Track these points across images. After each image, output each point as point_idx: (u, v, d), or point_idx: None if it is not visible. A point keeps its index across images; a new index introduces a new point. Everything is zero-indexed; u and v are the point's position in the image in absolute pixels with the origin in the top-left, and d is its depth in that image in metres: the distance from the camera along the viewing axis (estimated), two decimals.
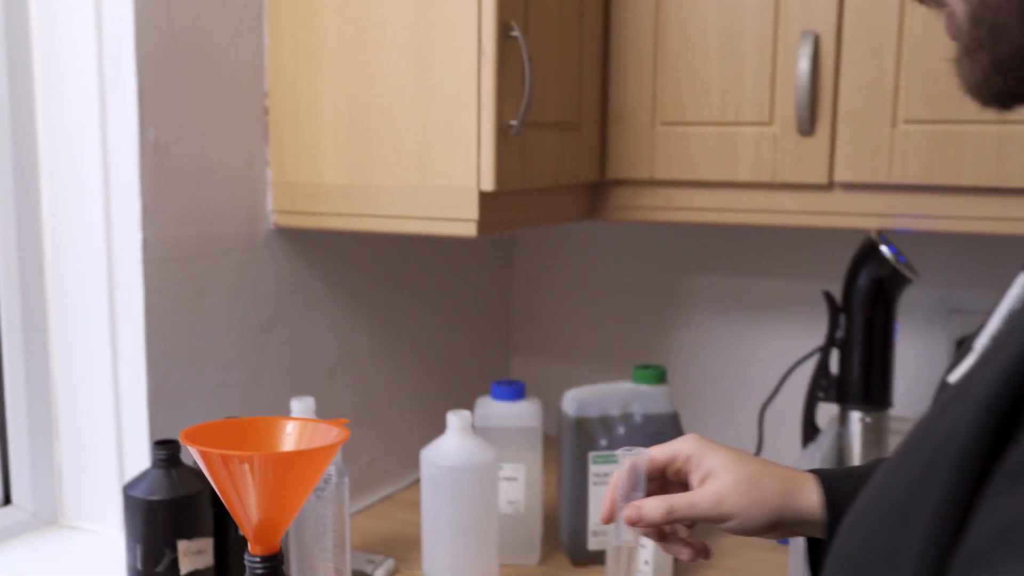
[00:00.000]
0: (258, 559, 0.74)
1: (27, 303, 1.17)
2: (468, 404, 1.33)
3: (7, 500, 1.20)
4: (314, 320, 1.38)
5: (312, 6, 1.22)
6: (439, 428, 1.18)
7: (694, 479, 0.80)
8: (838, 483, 0.78)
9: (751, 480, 0.77)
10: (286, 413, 1.15)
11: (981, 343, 0.54)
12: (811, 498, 0.77)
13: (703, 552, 0.83)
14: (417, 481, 1.62)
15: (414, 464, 1.60)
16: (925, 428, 0.50)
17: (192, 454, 0.73)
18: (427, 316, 1.63)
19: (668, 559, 1.23)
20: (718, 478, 0.78)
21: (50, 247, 1.17)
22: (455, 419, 1.12)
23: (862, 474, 0.78)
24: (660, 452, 0.81)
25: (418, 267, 1.59)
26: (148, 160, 1.11)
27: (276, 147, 1.27)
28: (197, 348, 1.19)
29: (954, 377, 0.54)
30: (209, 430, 0.76)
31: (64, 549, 1.16)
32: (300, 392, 1.29)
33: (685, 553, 0.82)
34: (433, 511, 1.13)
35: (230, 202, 1.23)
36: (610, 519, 0.81)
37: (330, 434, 0.76)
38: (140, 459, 1.15)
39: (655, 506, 0.77)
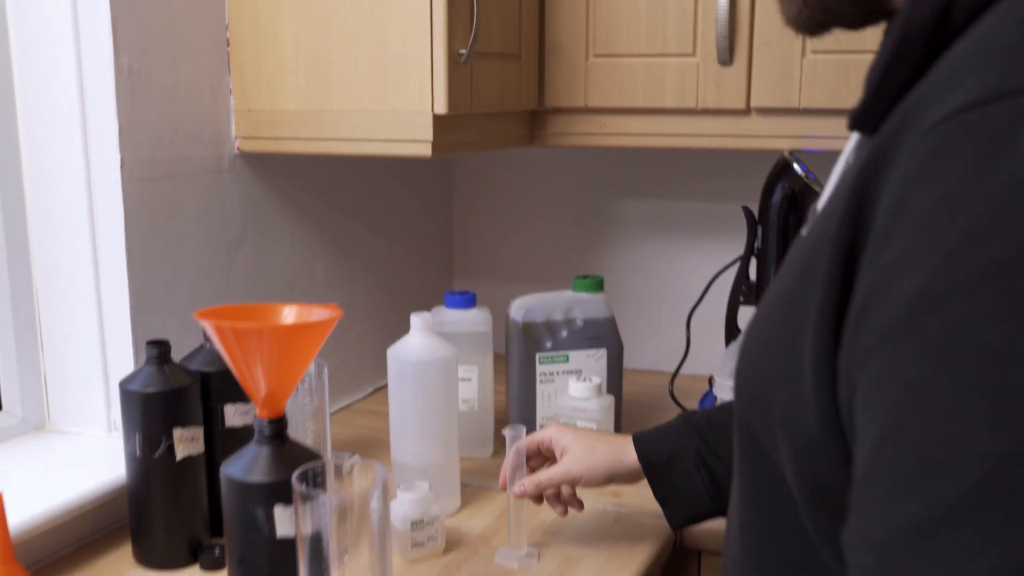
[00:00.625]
0: (266, 421, 0.85)
1: (9, 225, 1.24)
2: None
3: None
4: (276, 240, 1.48)
5: None
6: (389, 342, 1.29)
7: (557, 455, 1.15)
8: (647, 442, 1.12)
9: (590, 450, 1.12)
10: None
11: (821, 203, 0.64)
12: (631, 456, 1.11)
13: (575, 507, 1.19)
14: (372, 391, 1.74)
15: (368, 376, 1.72)
16: (787, 269, 0.59)
17: (207, 329, 0.84)
18: (376, 238, 1.73)
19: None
20: (569, 453, 1.13)
21: (29, 171, 1.24)
22: (418, 320, 1.24)
23: (667, 429, 1.12)
24: (531, 439, 1.16)
25: (367, 191, 1.70)
26: (123, 85, 1.19)
27: (238, 76, 1.36)
28: (171, 264, 1.28)
29: (804, 229, 0.64)
30: (218, 313, 0.86)
31: (53, 451, 1.25)
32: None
33: (558, 509, 1.18)
34: (400, 404, 1.24)
35: (197, 127, 1.31)
36: (505, 488, 1.15)
37: (324, 314, 0.88)
38: (122, 366, 1.24)
39: (529, 482, 1.13)
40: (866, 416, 0.45)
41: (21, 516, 1.04)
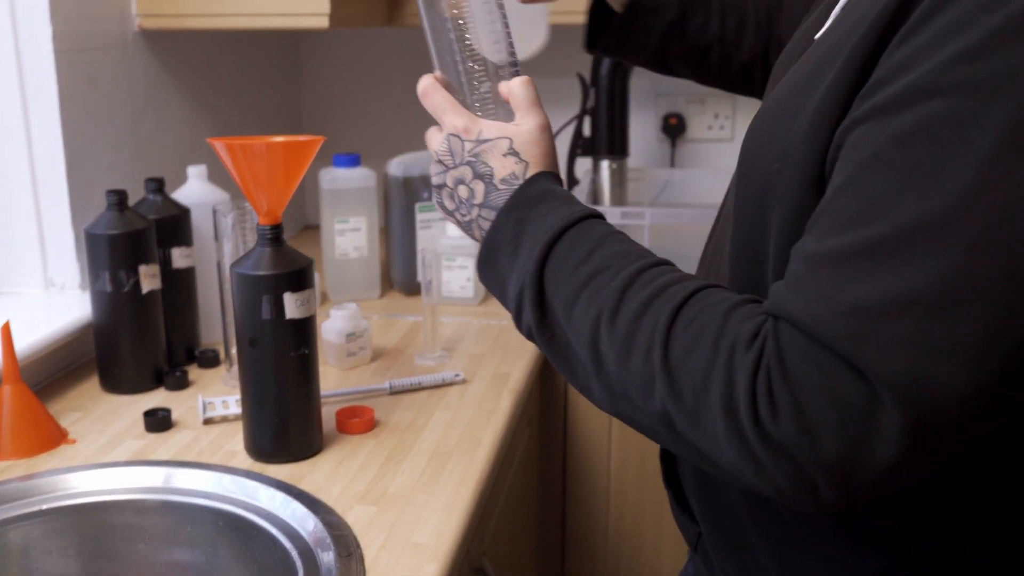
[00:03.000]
0: (268, 227, 1.05)
1: None
2: None
3: None
4: (171, 113, 1.61)
5: None
6: None
7: None
8: None
9: None
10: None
11: (836, 11, 0.69)
12: None
13: None
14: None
15: None
16: (812, 50, 0.66)
17: (219, 150, 1.01)
18: (242, 111, 1.88)
19: None
20: None
21: None
22: (193, 169, 1.42)
23: None
24: None
25: (235, 67, 1.84)
26: None
27: None
28: (93, 132, 1.40)
29: (819, 34, 0.70)
30: (221, 142, 1.04)
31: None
32: (167, 169, 1.54)
33: None
34: None
35: (106, 4, 1.42)
36: None
37: (310, 137, 1.07)
38: (60, 227, 1.36)
39: None
40: (838, 168, 0.56)
41: None
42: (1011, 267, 0.51)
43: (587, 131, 1.81)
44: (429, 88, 0.82)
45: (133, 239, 1.24)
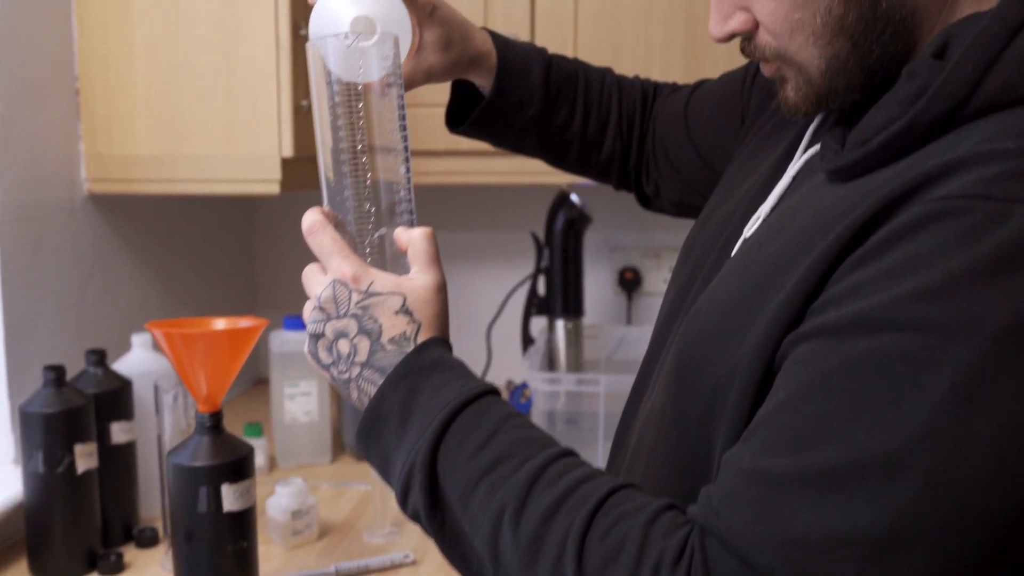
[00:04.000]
0: (207, 415, 1.01)
1: None
2: None
3: None
4: (118, 275, 1.58)
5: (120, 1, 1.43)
6: None
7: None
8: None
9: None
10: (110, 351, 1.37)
11: (765, 210, 0.71)
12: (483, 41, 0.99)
13: None
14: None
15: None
16: (749, 254, 0.66)
17: (158, 339, 0.98)
18: (193, 273, 1.86)
19: None
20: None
21: None
22: (137, 338, 1.38)
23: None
24: None
25: (185, 229, 1.82)
26: None
27: (88, 123, 1.46)
28: (36, 300, 1.37)
29: (749, 232, 0.71)
30: (161, 326, 1.01)
31: None
32: (112, 336, 1.50)
33: None
34: None
35: (53, 171, 1.41)
36: None
37: (251, 322, 1.04)
38: None
39: None
40: (780, 381, 0.56)
41: None
42: (956, 514, 0.50)
43: (542, 289, 1.81)
44: (316, 226, 0.73)
45: (69, 417, 1.19)
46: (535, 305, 1.81)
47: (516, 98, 1.00)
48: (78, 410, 1.20)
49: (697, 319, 0.68)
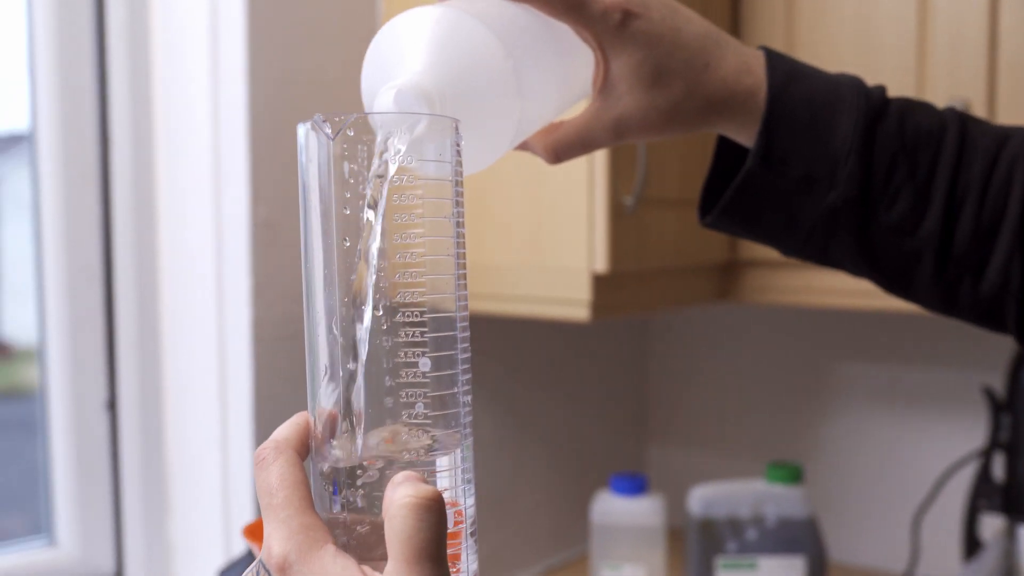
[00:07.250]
0: None
1: (145, 385, 1.18)
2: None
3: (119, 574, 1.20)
4: None
5: None
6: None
7: None
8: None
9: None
10: None
11: None
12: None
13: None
14: (542, 572, 1.54)
15: (538, 554, 1.52)
16: None
17: (253, 549, 0.69)
18: (552, 402, 1.56)
19: None
20: None
21: (167, 328, 1.18)
22: None
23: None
24: None
25: (541, 350, 1.53)
26: (259, 237, 1.11)
27: None
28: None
29: None
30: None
31: None
32: None
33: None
34: None
35: None
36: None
37: None
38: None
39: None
40: None
41: None
42: None
43: (998, 473, 1.21)
44: (266, 451, 0.46)
45: None
46: (985, 495, 1.22)
47: (801, 169, 0.59)
48: None
49: None
